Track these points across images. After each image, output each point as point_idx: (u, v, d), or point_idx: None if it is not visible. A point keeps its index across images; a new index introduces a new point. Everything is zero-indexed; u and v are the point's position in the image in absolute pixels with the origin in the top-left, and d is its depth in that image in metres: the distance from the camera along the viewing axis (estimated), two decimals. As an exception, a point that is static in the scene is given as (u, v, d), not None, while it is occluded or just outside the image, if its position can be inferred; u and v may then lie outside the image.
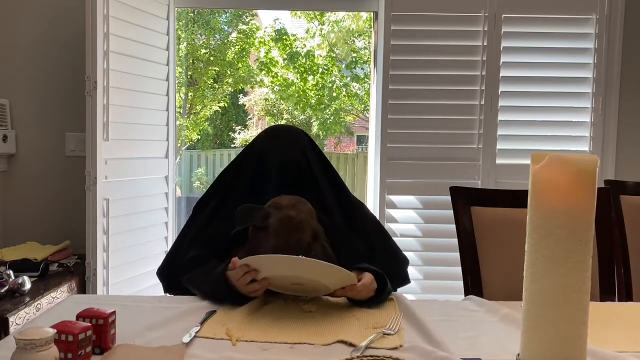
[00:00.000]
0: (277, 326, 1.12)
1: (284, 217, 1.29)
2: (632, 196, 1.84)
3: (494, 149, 2.52)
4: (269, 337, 1.06)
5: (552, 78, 2.52)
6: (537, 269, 0.80)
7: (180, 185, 9.41)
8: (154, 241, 2.52)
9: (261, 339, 1.05)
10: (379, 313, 1.22)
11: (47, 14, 2.51)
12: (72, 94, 2.47)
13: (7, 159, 2.54)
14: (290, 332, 1.09)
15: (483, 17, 2.48)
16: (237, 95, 11.72)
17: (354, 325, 1.13)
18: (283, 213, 1.30)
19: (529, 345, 0.81)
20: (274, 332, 1.08)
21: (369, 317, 1.19)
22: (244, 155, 1.54)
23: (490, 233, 1.64)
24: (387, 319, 1.17)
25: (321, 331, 1.09)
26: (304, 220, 1.30)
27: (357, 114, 10.89)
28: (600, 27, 2.51)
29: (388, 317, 1.18)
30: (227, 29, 10.55)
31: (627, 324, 1.22)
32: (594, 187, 0.79)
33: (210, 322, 1.13)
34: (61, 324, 0.91)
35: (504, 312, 1.23)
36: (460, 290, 1.64)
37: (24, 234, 2.48)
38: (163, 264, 1.51)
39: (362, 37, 10.18)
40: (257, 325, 1.12)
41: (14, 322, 1.70)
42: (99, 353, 0.96)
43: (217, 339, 1.05)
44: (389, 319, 1.16)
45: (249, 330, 1.09)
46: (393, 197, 2.52)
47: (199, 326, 1.10)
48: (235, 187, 1.49)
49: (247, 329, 1.10)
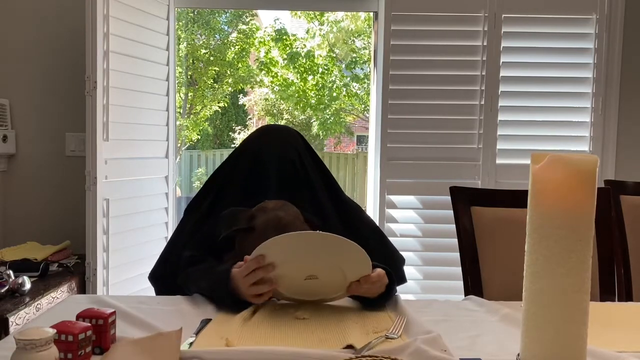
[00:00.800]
0: (276, 336, 1.07)
1: (272, 217, 1.27)
2: (632, 196, 1.84)
3: (494, 149, 2.52)
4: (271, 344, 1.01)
5: (552, 78, 2.53)
6: (537, 269, 0.80)
7: (180, 185, 9.42)
8: (154, 241, 2.52)
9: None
10: (375, 317, 1.19)
11: (47, 14, 2.52)
12: (72, 94, 2.47)
13: (7, 159, 2.54)
14: (291, 340, 1.05)
15: (483, 17, 2.48)
16: (237, 95, 11.73)
17: (356, 330, 1.10)
18: (270, 214, 1.27)
19: (529, 345, 0.81)
20: (275, 342, 1.03)
21: (366, 321, 1.16)
22: (237, 154, 1.51)
23: (490, 233, 1.64)
24: (384, 322, 1.14)
25: (325, 338, 1.05)
26: (291, 222, 1.27)
27: (357, 114, 10.90)
28: (600, 27, 2.52)
29: (385, 321, 1.15)
30: (227, 29, 10.56)
31: (627, 324, 1.22)
32: (594, 187, 0.79)
33: (206, 333, 1.08)
34: (61, 324, 0.91)
35: (504, 312, 1.23)
36: (460, 290, 1.64)
37: (24, 234, 2.49)
38: (155, 266, 1.50)
39: (362, 37, 10.18)
40: (255, 335, 1.07)
41: (13, 322, 1.70)
42: (99, 353, 0.96)
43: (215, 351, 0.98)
44: (386, 322, 1.14)
45: (248, 341, 1.04)
46: (393, 197, 2.52)
47: (194, 337, 1.05)
48: (229, 186, 1.47)
49: (246, 339, 1.05)
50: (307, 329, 1.11)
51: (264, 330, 1.10)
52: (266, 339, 1.05)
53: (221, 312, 1.20)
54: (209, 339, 1.04)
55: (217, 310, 1.21)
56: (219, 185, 1.49)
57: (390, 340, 1.05)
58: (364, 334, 1.08)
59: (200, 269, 1.31)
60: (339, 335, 1.07)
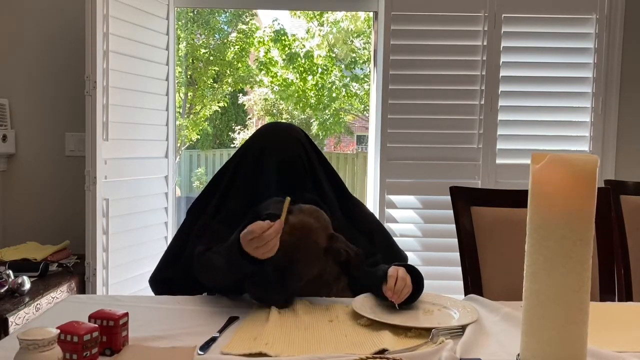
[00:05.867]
0: (308, 338, 1.06)
1: (305, 222, 1.30)
2: (632, 196, 1.84)
3: (494, 149, 2.52)
4: (311, 351, 0.99)
5: (552, 78, 2.52)
6: (537, 269, 0.80)
7: (180, 185, 9.41)
8: (154, 241, 2.52)
9: (304, 353, 0.99)
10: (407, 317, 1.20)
11: (47, 14, 2.51)
12: (72, 94, 2.47)
13: (7, 158, 2.54)
14: (323, 343, 1.04)
15: (483, 17, 2.48)
16: (236, 95, 11.71)
17: (388, 333, 1.09)
18: (303, 218, 1.30)
19: (529, 345, 0.81)
20: (308, 344, 1.03)
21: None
22: (243, 151, 1.52)
23: (490, 233, 1.64)
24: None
25: (358, 342, 1.05)
26: (315, 230, 1.30)
27: (357, 114, 10.90)
28: (600, 27, 2.51)
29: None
30: (226, 28, 10.55)
31: (627, 324, 1.22)
32: (594, 187, 0.79)
33: (238, 334, 1.06)
34: (68, 324, 0.90)
35: (504, 311, 1.23)
36: (460, 290, 1.64)
37: (23, 234, 2.48)
38: (157, 270, 1.50)
39: (361, 37, 10.17)
40: (287, 337, 1.06)
41: (13, 322, 1.70)
42: (109, 355, 0.95)
43: (254, 354, 0.97)
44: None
45: (281, 342, 1.03)
46: (393, 197, 2.52)
47: (218, 334, 1.06)
48: (236, 184, 1.48)
49: (279, 341, 1.04)
50: (340, 332, 1.11)
51: (296, 333, 1.09)
52: (299, 342, 1.05)
53: (248, 312, 1.20)
54: (239, 341, 1.03)
55: (239, 303, 1.21)
56: (226, 184, 1.49)
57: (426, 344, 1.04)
58: (397, 337, 1.07)
59: (214, 252, 1.32)
60: (373, 339, 1.06)
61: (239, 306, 1.26)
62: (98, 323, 0.95)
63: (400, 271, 1.25)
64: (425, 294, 1.32)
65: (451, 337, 1.05)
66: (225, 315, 1.18)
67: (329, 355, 0.96)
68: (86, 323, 0.93)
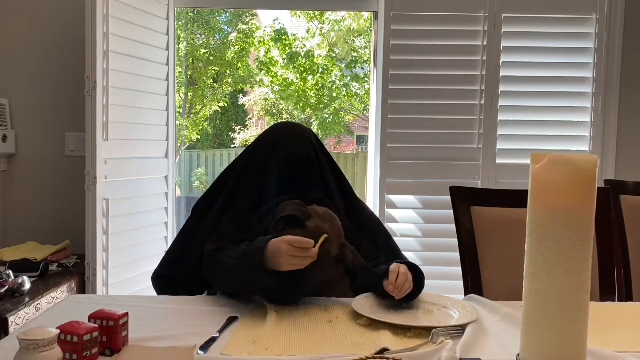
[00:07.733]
0: (308, 339, 1.06)
1: (320, 228, 1.30)
2: (632, 196, 1.84)
3: (494, 149, 2.52)
4: (311, 351, 1.00)
5: (552, 78, 2.52)
6: (537, 269, 0.80)
7: (180, 185, 9.41)
8: (154, 241, 2.52)
9: (304, 354, 0.99)
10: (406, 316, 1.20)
11: (47, 14, 2.51)
12: (72, 94, 2.47)
13: (7, 159, 2.54)
14: (323, 344, 1.04)
15: (483, 17, 2.48)
16: (237, 95, 11.71)
17: (389, 333, 1.09)
18: (319, 223, 1.31)
19: (529, 345, 0.81)
20: (307, 346, 1.03)
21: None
22: (253, 150, 1.52)
23: (490, 233, 1.64)
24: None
25: (358, 342, 1.05)
26: (332, 236, 1.31)
27: (357, 113, 10.89)
28: (600, 27, 2.51)
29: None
30: (226, 29, 10.55)
31: (627, 324, 1.22)
32: (594, 187, 0.79)
33: (236, 336, 1.06)
34: (68, 324, 0.90)
35: (504, 311, 1.23)
36: (460, 290, 1.64)
37: (23, 234, 2.48)
38: (159, 267, 1.50)
39: (362, 37, 10.17)
40: (287, 339, 1.06)
41: (13, 322, 1.70)
42: (109, 355, 0.95)
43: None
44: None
45: (280, 344, 1.03)
46: (393, 197, 2.52)
47: (217, 335, 1.06)
48: (245, 181, 1.48)
49: (278, 342, 1.04)
50: (340, 332, 1.11)
51: (296, 334, 1.09)
52: (298, 343, 1.04)
53: (246, 312, 1.20)
54: (238, 344, 1.03)
55: (239, 304, 1.22)
56: (235, 182, 1.49)
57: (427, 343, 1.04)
58: (397, 337, 1.07)
59: (230, 250, 1.32)
60: (373, 339, 1.06)
61: (238, 306, 1.26)
62: (98, 323, 0.95)
63: (402, 267, 1.26)
64: (425, 294, 1.32)
65: (451, 337, 1.05)
66: (225, 315, 1.19)
67: (329, 355, 0.97)
68: (86, 323, 0.93)
